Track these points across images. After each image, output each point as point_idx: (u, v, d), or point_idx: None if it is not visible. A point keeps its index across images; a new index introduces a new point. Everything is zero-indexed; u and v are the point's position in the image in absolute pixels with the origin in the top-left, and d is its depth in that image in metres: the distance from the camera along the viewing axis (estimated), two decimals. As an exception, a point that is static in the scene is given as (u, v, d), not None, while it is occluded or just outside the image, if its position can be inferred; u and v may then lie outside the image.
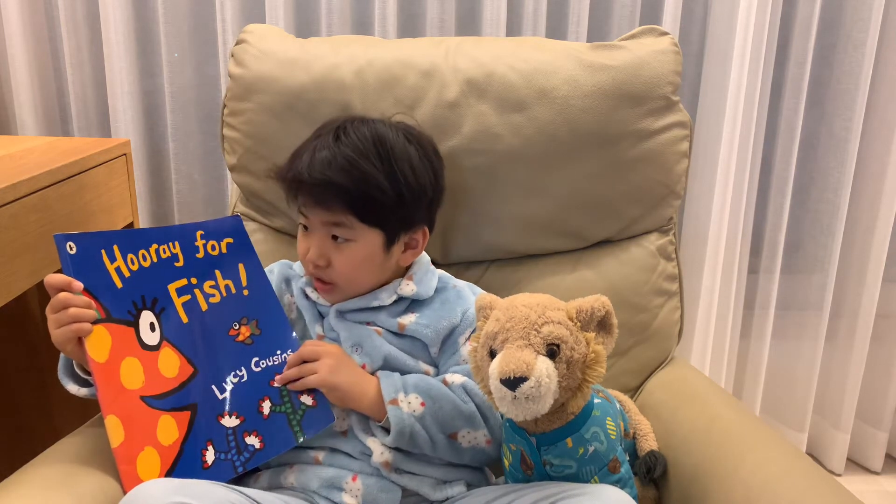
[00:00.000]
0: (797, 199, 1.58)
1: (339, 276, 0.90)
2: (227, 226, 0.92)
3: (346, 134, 0.88)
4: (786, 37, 1.49)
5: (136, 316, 0.79)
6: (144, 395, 0.76)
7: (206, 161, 1.51)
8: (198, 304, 0.86)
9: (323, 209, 0.87)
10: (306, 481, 0.84)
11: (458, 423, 0.85)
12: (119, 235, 0.80)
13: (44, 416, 1.34)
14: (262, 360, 0.88)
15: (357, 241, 0.89)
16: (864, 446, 1.71)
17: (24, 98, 1.42)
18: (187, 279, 0.85)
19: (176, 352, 0.82)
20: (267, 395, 0.85)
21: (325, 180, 0.85)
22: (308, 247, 0.90)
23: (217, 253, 0.90)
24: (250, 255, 0.93)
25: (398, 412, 0.83)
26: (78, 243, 0.75)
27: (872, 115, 1.53)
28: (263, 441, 0.83)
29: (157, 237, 0.84)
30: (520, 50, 1.07)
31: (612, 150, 1.04)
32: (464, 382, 0.87)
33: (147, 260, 0.82)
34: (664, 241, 1.11)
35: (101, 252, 0.77)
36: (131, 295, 0.79)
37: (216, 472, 0.79)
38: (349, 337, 0.90)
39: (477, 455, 0.87)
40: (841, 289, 1.62)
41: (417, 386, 0.85)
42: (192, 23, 1.45)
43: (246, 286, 0.91)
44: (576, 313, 0.73)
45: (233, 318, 0.89)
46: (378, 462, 0.84)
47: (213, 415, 0.81)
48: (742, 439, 0.85)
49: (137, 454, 0.72)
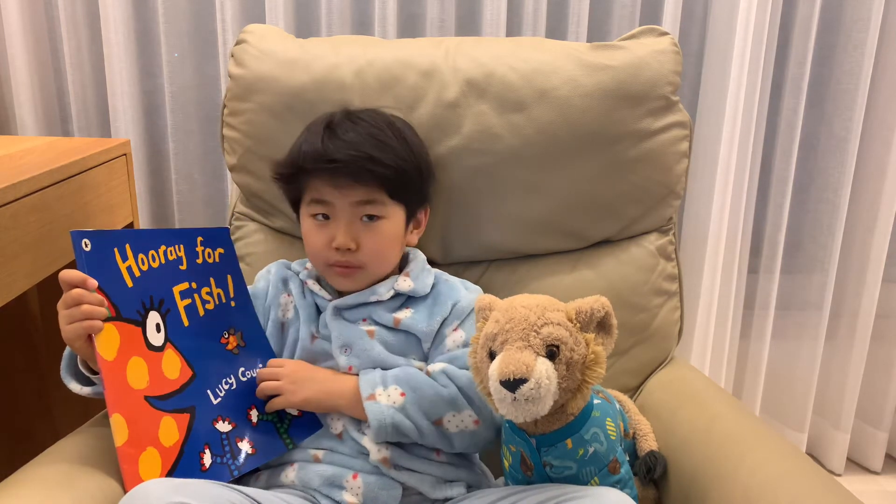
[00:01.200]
0: (797, 199, 1.58)
1: (369, 256, 0.91)
2: (220, 236, 0.93)
3: (357, 118, 0.93)
4: (786, 37, 1.49)
5: (143, 316, 0.79)
6: (148, 396, 0.76)
7: (206, 161, 1.51)
8: (196, 308, 0.87)
9: (360, 186, 0.89)
10: (307, 479, 0.85)
11: (442, 408, 0.85)
12: (131, 235, 0.80)
13: (44, 416, 1.34)
14: (247, 371, 0.90)
15: (387, 219, 0.92)
16: (864, 446, 1.71)
17: (24, 98, 1.42)
18: (189, 283, 0.86)
19: (178, 354, 0.82)
20: (253, 405, 0.87)
21: (364, 156, 0.88)
22: (329, 236, 0.90)
23: (212, 261, 0.91)
24: (237, 268, 0.95)
25: (376, 406, 0.83)
26: (93, 240, 0.75)
27: (872, 115, 1.53)
28: (255, 447, 0.84)
29: (165, 239, 0.84)
30: (520, 50, 1.07)
31: (611, 150, 1.04)
32: (444, 368, 0.87)
33: (156, 261, 0.82)
34: (664, 240, 1.11)
35: (114, 250, 0.77)
36: (140, 295, 0.79)
37: (214, 475, 0.79)
38: (340, 337, 0.91)
39: (467, 439, 0.87)
40: (841, 289, 1.62)
41: (397, 377, 0.86)
42: (192, 23, 1.45)
43: (233, 297, 0.93)
44: (575, 314, 0.73)
45: (223, 327, 0.90)
46: (376, 459, 0.84)
47: (209, 419, 0.82)
48: (742, 439, 0.85)
49: (140, 454, 0.72)
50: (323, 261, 0.93)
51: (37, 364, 1.33)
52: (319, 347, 0.92)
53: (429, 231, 1.05)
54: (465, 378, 0.85)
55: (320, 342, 0.92)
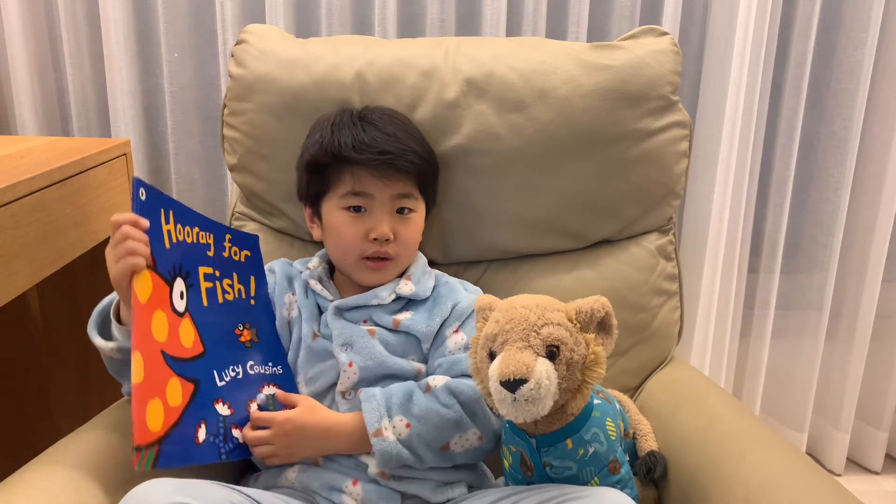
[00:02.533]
0: (797, 199, 1.58)
1: (403, 247, 0.94)
2: (250, 241, 0.96)
3: (382, 112, 0.97)
4: (786, 37, 1.49)
5: (173, 278, 0.81)
6: (164, 352, 0.77)
7: (206, 161, 1.51)
8: (216, 294, 0.89)
9: (401, 179, 0.92)
10: (307, 482, 0.85)
11: (447, 434, 0.84)
12: (176, 204, 0.83)
13: (44, 416, 1.35)
14: (256, 366, 0.90)
15: (417, 212, 0.96)
16: (864, 446, 1.71)
17: (24, 98, 1.42)
18: (213, 269, 0.88)
19: (194, 327, 0.83)
20: (255, 399, 0.88)
21: (409, 149, 0.93)
22: (365, 228, 0.91)
23: (237, 259, 0.94)
24: (261, 274, 0.97)
25: (384, 444, 0.82)
26: (148, 193, 0.78)
27: (872, 115, 1.53)
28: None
29: (200, 222, 0.87)
30: (519, 50, 1.07)
31: (611, 149, 1.04)
32: (446, 383, 0.85)
33: (190, 237, 0.85)
34: (664, 240, 1.11)
35: (161, 210, 0.80)
36: (173, 259, 0.81)
37: (204, 451, 0.79)
38: (341, 335, 0.91)
39: (471, 455, 0.87)
40: (841, 289, 1.62)
41: (402, 406, 0.84)
42: (192, 23, 1.45)
43: (254, 296, 0.95)
44: (575, 314, 0.73)
45: (240, 319, 0.91)
46: (374, 473, 0.84)
47: (211, 398, 0.82)
48: (742, 439, 0.85)
49: (149, 399, 0.72)
50: (358, 253, 0.93)
51: (37, 364, 1.33)
52: (320, 346, 0.92)
53: (429, 231, 1.05)
54: (468, 391, 0.84)
55: (321, 340, 0.92)
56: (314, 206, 0.98)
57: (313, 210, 0.98)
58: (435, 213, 1.05)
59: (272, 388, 0.89)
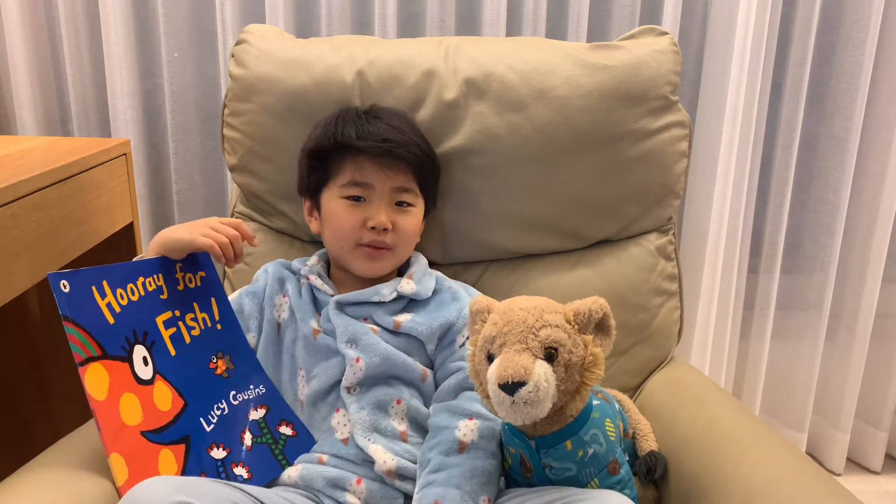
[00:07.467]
0: (797, 199, 1.58)
1: (401, 237, 0.95)
2: (200, 260, 0.92)
3: (386, 108, 0.98)
4: (786, 37, 1.49)
5: (129, 351, 0.78)
6: (144, 431, 0.76)
7: (206, 161, 1.51)
8: (182, 336, 0.86)
9: (402, 171, 0.94)
10: (311, 479, 0.85)
11: (489, 489, 0.79)
12: (108, 271, 0.80)
13: (44, 416, 1.35)
14: (238, 394, 0.89)
15: (416, 207, 0.97)
16: (864, 446, 1.71)
17: (24, 98, 1.42)
18: (171, 311, 0.86)
19: (168, 385, 0.82)
20: (247, 428, 0.87)
21: (412, 141, 0.95)
22: (363, 216, 0.93)
23: (193, 286, 0.90)
24: (220, 290, 0.94)
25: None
26: (71, 281, 0.74)
27: (872, 115, 1.53)
28: (250, 471, 0.84)
29: (143, 270, 0.84)
30: (519, 50, 1.07)
31: (611, 149, 1.04)
32: (477, 436, 0.81)
33: (135, 294, 0.82)
34: (664, 240, 1.11)
35: (93, 289, 0.77)
36: (123, 330, 0.79)
37: None
38: (345, 331, 0.90)
39: None
40: (841, 289, 1.61)
41: (474, 490, 0.78)
42: (192, 23, 1.45)
43: (219, 320, 0.92)
44: (573, 316, 0.73)
45: (211, 352, 0.89)
46: (381, 470, 0.84)
47: (203, 447, 0.82)
48: (742, 439, 0.85)
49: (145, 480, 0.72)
50: (354, 241, 0.93)
51: (37, 364, 1.33)
52: (322, 343, 0.91)
53: (429, 231, 1.05)
54: (490, 431, 0.83)
55: (323, 337, 0.92)
56: (314, 198, 0.98)
57: (313, 202, 0.98)
58: (435, 213, 1.05)
59: (260, 411, 0.89)
